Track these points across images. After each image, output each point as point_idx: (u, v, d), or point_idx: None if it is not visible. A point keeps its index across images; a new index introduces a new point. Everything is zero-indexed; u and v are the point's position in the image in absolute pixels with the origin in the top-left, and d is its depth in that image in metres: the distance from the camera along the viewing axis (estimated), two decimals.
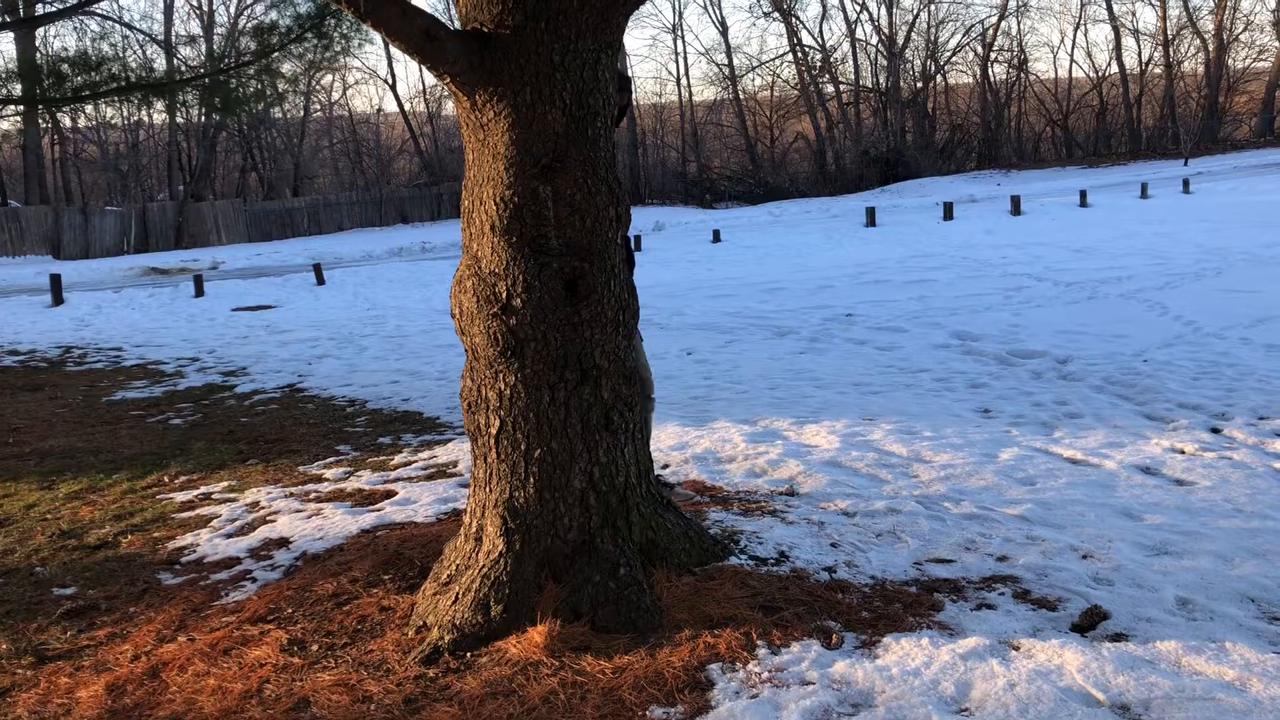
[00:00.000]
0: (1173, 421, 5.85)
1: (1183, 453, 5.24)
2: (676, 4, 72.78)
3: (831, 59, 43.27)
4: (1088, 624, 3.34)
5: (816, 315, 10.05)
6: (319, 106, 42.12)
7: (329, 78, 39.69)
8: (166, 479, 5.90)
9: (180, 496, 5.50)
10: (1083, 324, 8.97)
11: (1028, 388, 6.91)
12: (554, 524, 3.54)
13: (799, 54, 42.57)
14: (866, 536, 4.16)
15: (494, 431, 3.56)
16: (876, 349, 8.64)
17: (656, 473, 4.64)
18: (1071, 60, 68.74)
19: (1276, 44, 39.94)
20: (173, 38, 30.24)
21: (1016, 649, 3.16)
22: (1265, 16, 41.31)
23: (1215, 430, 5.64)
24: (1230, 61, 41.44)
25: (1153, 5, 42.19)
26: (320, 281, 17.62)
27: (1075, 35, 55.96)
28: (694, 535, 3.91)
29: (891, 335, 9.15)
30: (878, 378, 7.50)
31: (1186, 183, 23.41)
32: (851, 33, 42.70)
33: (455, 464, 5.77)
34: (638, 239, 20.75)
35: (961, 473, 5.05)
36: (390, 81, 50.17)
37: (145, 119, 33.87)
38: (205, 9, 35.40)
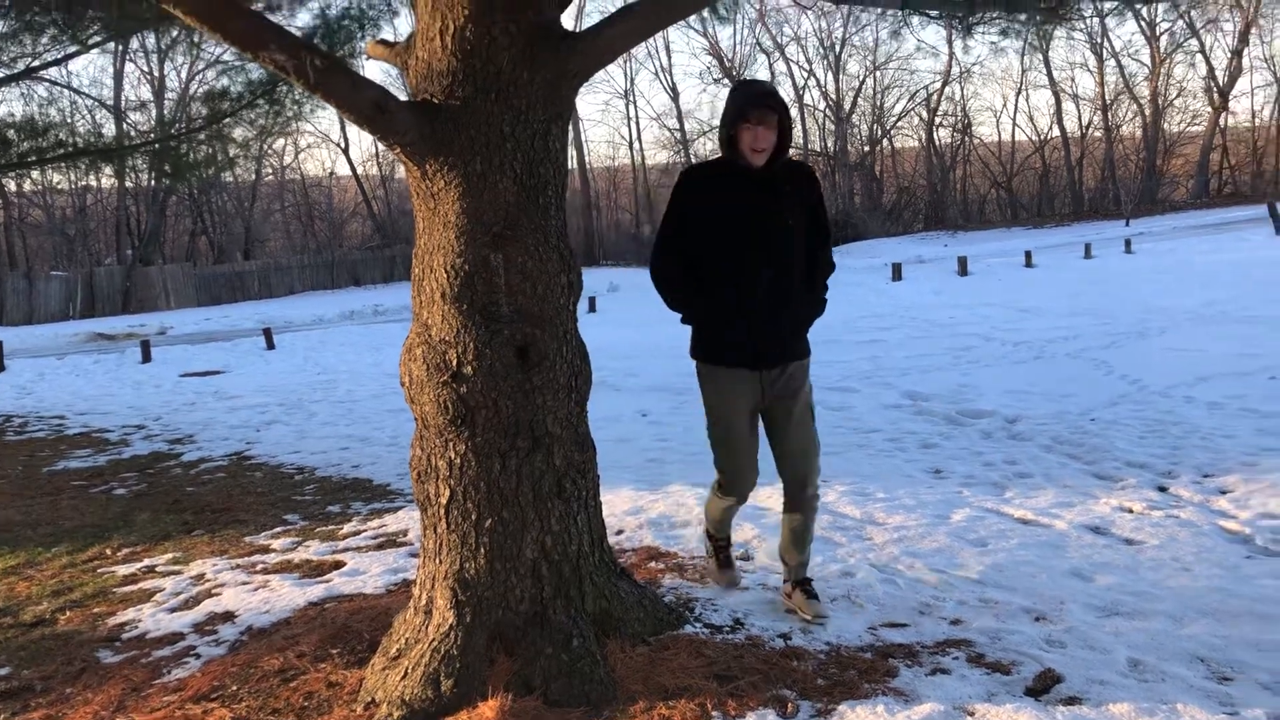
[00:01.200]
0: (1121, 480, 5.92)
1: (1131, 512, 5.30)
2: (628, 71, 73.54)
3: None
4: (1041, 687, 3.34)
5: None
6: (271, 170, 42.08)
7: (281, 142, 39.69)
8: (108, 552, 5.75)
9: (122, 570, 5.37)
10: (1030, 383, 9.09)
11: (978, 447, 6.97)
12: (505, 595, 3.49)
13: None
14: (822, 601, 4.14)
15: (444, 501, 3.52)
16: (829, 409, 8.67)
17: (610, 539, 4.60)
18: (1014, 124, 70.31)
19: (1209, 110, 41.25)
20: (123, 103, 30.15)
21: (971, 715, 3.15)
22: (1197, 83, 42.71)
23: (1162, 489, 5.72)
24: (1166, 125, 42.72)
25: (1091, 71, 43.53)
26: (270, 346, 17.45)
27: (1017, 100, 57.67)
28: (648, 603, 3.87)
29: (843, 395, 9.21)
30: (830, 438, 7.50)
31: (1128, 243, 23.97)
32: (799, 98, 43.50)
33: (405, 533, 5.69)
34: (592, 300, 20.80)
35: (915, 535, 5.06)
36: (343, 145, 50.33)
37: (94, 183, 33.60)
38: (156, 75, 35.28)
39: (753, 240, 3.79)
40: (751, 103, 3.73)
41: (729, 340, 3.87)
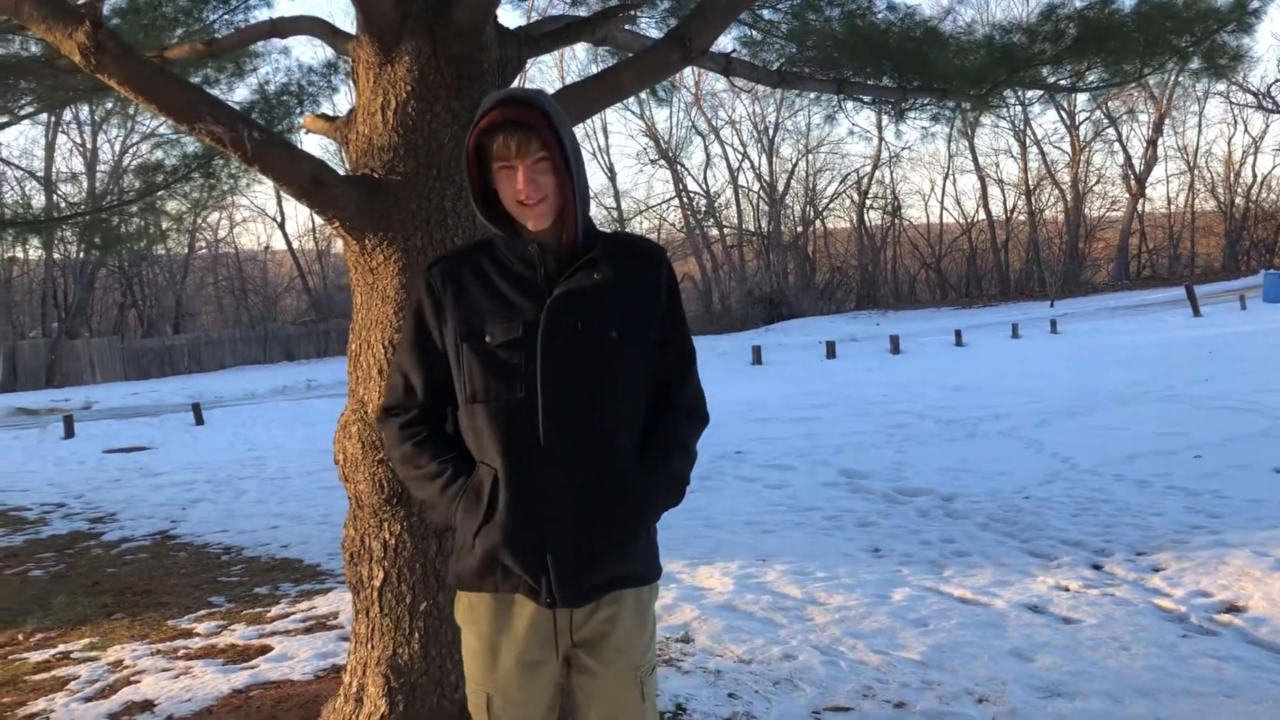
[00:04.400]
0: (1056, 559, 5.96)
1: (1068, 590, 5.32)
2: None
3: (716, 204, 44.77)
4: None
5: (707, 453, 10.04)
6: (204, 243, 41.63)
7: (216, 215, 39.38)
8: (21, 637, 5.49)
9: (36, 656, 5.12)
10: (964, 461, 9.18)
11: (915, 525, 6.99)
12: (440, 682, 3.38)
13: (684, 199, 44.00)
14: (764, 685, 4.08)
15: (377, 584, 3.41)
16: (767, 486, 8.68)
17: None
18: (942, 206, 72.33)
19: (1127, 196, 42.79)
20: (54, 174, 29.75)
21: None
22: (1116, 170, 44.36)
23: (1097, 567, 5.76)
24: (1087, 210, 44.21)
25: (1014, 158, 44.95)
26: (199, 421, 17.06)
27: (944, 184, 59.18)
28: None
29: (781, 473, 9.22)
30: (769, 516, 7.51)
31: (1054, 323, 24.56)
32: (734, 179, 44.36)
33: (336, 615, 5.52)
34: None
35: (856, 615, 5.03)
36: (279, 220, 49.99)
37: (20, 255, 32.92)
38: (88, 146, 34.93)
39: (541, 371, 2.15)
40: (499, 120, 2.11)
41: (500, 551, 2.17)
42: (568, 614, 2.20)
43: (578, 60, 39.90)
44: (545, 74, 42.48)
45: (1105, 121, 41.37)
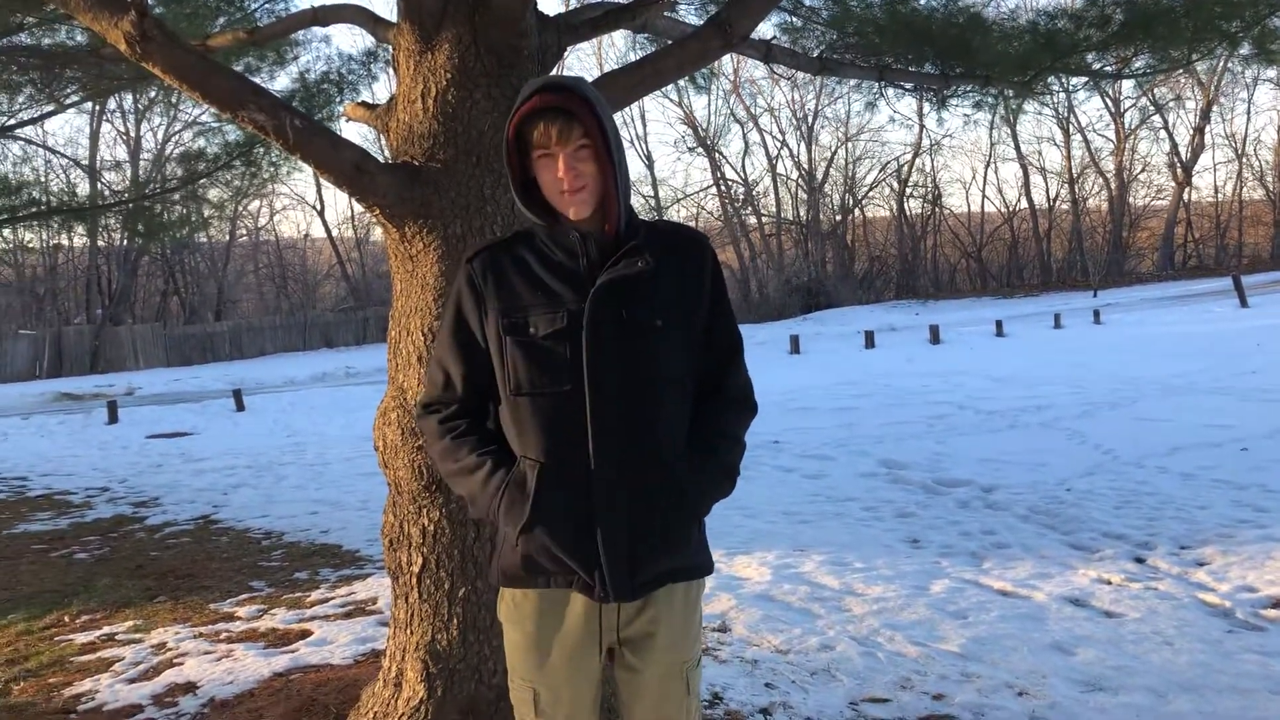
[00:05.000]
0: (1098, 551, 5.89)
1: (1110, 583, 5.26)
2: None
3: (754, 192, 44.55)
4: None
5: (745, 442, 9.98)
6: (245, 231, 42.00)
7: (256, 203, 39.71)
8: (67, 619, 5.59)
9: (81, 638, 5.20)
10: (1005, 452, 9.09)
11: (955, 517, 6.93)
12: (478, 668, 3.39)
13: (722, 187, 43.78)
14: (801, 675, 4.07)
15: (416, 570, 3.43)
16: (804, 477, 8.64)
17: None
18: (984, 195, 71.71)
19: (1173, 184, 42.11)
20: (98, 163, 30.11)
21: None
22: (1161, 159, 43.68)
23: (1140, 560, 5.69)
24: (1132, 199, 43.54)
25: (1057, 146, 44.40)
26: (240, 407, 17.25)
27: (986, 173, 58.43)
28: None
29: (819, 463, 9.18)
30: (807, 506, 7.47)
31: (1097, 314, 24.24)
32: (773, 168, 44.08)
33: (374, 601, 5.56)
34: None
35: (894, 606, 4.99)
36: (319, 208, 50.40)
37: (65, 242, 33.41)
38: (132, 135, 35.36)
39: (587, 363, 2.12)
40: (540, 106, 2.08)
41: (550, 546, 2.14)
42: (615, 610, 2.18)
43: (615, 48, 39.85)
44: (583, 61, 42.44)
45: (1151, 109, 40.70)
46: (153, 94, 11.29)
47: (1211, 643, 4.35)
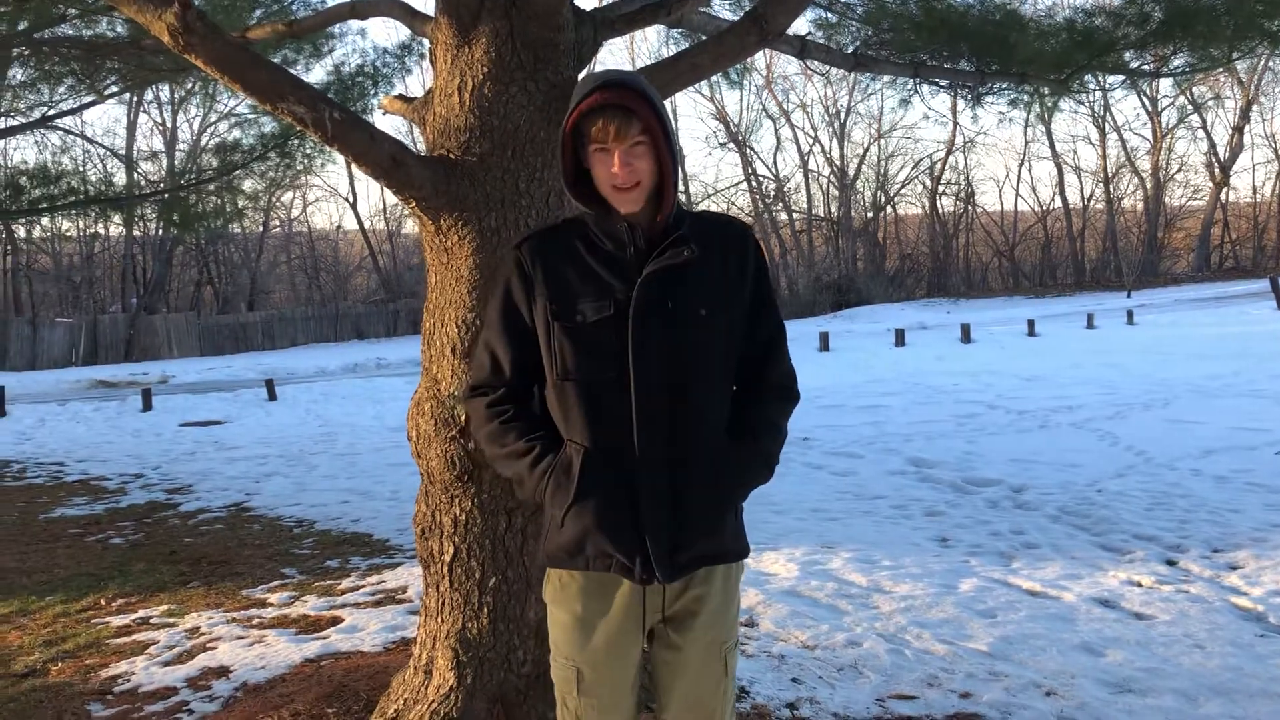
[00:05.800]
0: (1129, 553, 5.85)
1: (1140, 585, 5.22)
2: None
3: (785, 188, 44.43)
4: None
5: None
6: (278, 222, 42.32)
7: (290, 195, 40.01)
8: (103, 602, 5.67)
9: (116, 621, 5.29)
10: (1036, 452, 9.04)
11: (984, 516, 6.90)
12: (508, 657, 3.42)
13: (754, 183, 43.72)
14: (828, 671, 4.07)
15: (447, 559, 3.46)
16: (833, 474, 8.63)
17: None
18: (1017, 194, 71.32)
19: (1210, 185, 41.61)
20: (134, 153, 30.39)
21: None
22: (1199, 158, 43.16)
23: (1171, 563, 5.65)
24: (1167, 199, 43.08)
25: (1093, 145, 43.95)
26: (272, 397, 17.41)
27: (1020, 171, 57.99)
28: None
29: (848, 460, 9.16)
30: (835, 504, 7.47)
31: (1130, 314, 24.01)
32: (804, 164, 43.95)
33: (405, 589, 5.61)
34: None
35: (922, 604, 4.99)
36: (351, 200, 50.75)
37: (101, 231, 33.77)
38: (168, 126, 35.70)
39: (633, 350, 2.16)
40: (599, 104, 2.12)
41: (593, 528, 2.18)
42: (659, 591, 2.22)
43: (648, 42, 39.80)
44: (615, 56, 42.46)
45: (1189, 107, 40.24)
46: (190, 85, 11.42)
47: (1243, 646, 4.32)
